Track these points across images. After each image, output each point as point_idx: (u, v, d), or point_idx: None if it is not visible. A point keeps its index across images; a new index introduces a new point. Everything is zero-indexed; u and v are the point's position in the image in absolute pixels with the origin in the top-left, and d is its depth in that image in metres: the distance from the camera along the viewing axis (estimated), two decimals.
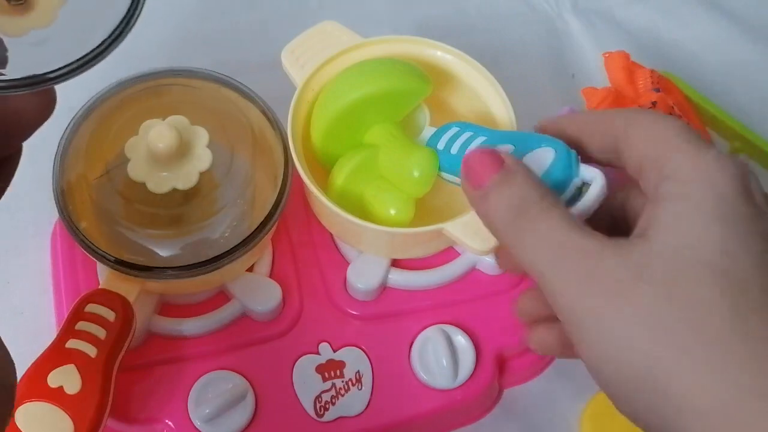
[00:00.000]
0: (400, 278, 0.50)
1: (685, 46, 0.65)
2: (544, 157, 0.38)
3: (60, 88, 0.57)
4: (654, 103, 0.53)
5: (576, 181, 0.38)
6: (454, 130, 0.45)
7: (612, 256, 0.33)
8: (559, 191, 0.37)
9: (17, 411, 0.41)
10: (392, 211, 0.47)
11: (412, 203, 0.47)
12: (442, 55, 0.51)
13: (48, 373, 0.42)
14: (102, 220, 0.46)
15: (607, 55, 0.55)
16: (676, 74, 0.58)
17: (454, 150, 0.44)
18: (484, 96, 0.50)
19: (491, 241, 0.44)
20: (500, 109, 0.49)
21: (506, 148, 0.40)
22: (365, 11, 0.52)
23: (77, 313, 0.44)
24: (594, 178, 0.38)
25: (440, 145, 0.45)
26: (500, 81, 0.50)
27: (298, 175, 0.47)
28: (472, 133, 0.44)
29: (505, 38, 0.65)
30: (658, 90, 0.53)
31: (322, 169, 0.49)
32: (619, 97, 0.53)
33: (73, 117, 0.48)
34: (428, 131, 0.47)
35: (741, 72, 0.64)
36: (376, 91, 0.46)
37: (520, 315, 0.41)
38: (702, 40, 0.65)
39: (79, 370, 0.42)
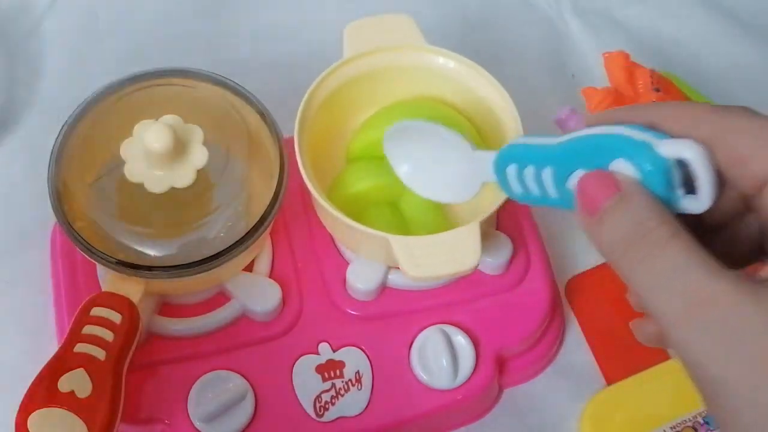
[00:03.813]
0: (399, 278, 0.50)
1: (685, 46, 0.65)
2: (627, 171, 0.33)
3: (55, 89, 0.57)
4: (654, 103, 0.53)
5: (670, 174, 0.32)
6: (512, 168, 0.39)
7: (752, 305, 0.28)
8: (662, 195, 0.32)
9: (30, 418, 0.41)
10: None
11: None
12: (449, 63, 0.51)
13: (58, 379, 0.42)
14: (98, 221, 0.46)
15: (607, 55, 0.55)
16: (676, 74, 0.58)
17: (533, 189, 0.38)
18: (491, 104, 0.50)
19: (425, 270, 0.44)
20: (508, 119, 0.49)
21: (580, 175, 0.35)
22: (365, 11, 0.52)
23: (83, 317, 0.44)
24: (687, 158, 0.32)
25: (515, 188, 0.39)
26: (500, 81, 0.50)
27: (297, 175, 0.47)
28: (534, 167, 0.38)
29: (505, 38, 0.65)
30: (658, 90, 0.53)
31: (322, 169, 0.49)
32: (619, 97, 0.53)
33: (68, 118, 0.48)
34: (483, 159, 0.41)
35: (741, 72, 0.64)
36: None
37: (646, 344, 0.37)
38: (702, 40, 0.65)
39: (89, 374, 0.42)
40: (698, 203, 0.32)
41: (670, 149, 0.32)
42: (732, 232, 0.34)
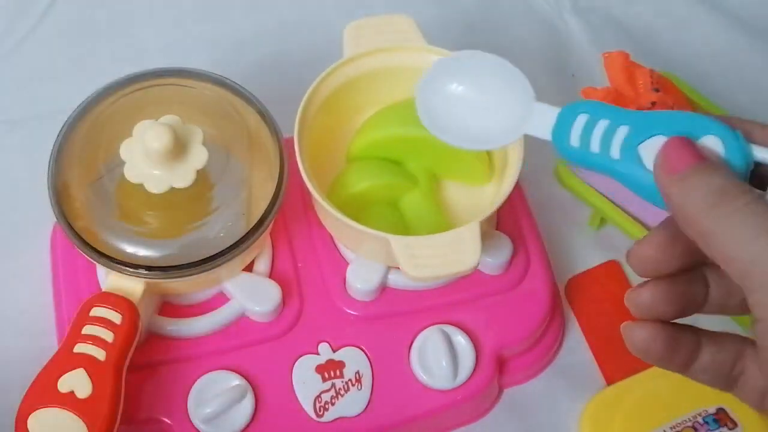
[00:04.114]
0: (399, 278, 0.50)
1: (685, 46, 0.65)
2: (712, 147, 0.35)
3: (54, 90, 0.57)
4: (654, 103, 0.53)
5: (748, 170, 0.35)
6: (582, 119, 0.38)
7: None
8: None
9: (30, 418, 0.41)
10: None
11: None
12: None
13: (58, 379, 0.42)
14: (98, 221, 0.46)
15: (607, 55, 0.55)
16: (676, 74, 0.58)
17: (595, 146, 0.38)
18: None
19: (425, 271, 0.44)
20: None
21: (659, 141, 0.36)
22: (365, 12, 0.52)
23: (83, 318, 0.44)
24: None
25: (574, 142, 0.38)
26: None
27: (297, 175, 0.47)
28: (609, 121, 0.37)
29: (505, 38, 0.65)
30: (657, 90, 0.53)
31: (322, 169, 0.49)
32: (619, 97, 0.53)
33: (68, 118, 0.48)
34: (541, 111, 0.40)
35: (741, 72, 0.64)
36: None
37: (639, 267, 0.38)
38: (702, 40, 0.65)
39: (89, 374, 0.42)
40: None
41: (758, 150, 0.35)
42: None
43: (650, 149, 0.36)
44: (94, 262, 0.46)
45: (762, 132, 0.36)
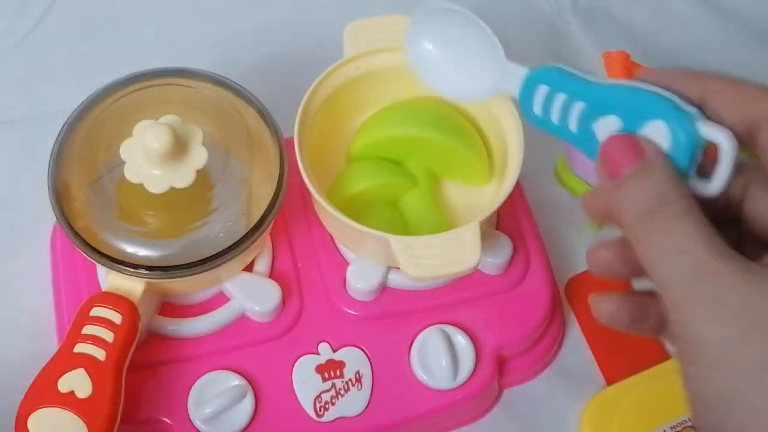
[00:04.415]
0: (400, 278, 0.50)
1: (685, 46, 0.65)
2: (658, 134, 0.35)
3: (54, 90, 0.57)
4: None
5: (697, 152, 0.34)
6: (543, 89, 0.40)
7: (744, 279, 0.31)
8: (681, 167, 0.34)
9: (30, 418, 0.41)
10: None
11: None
12: None
13: (58, 379, 0.42)
14: (98, 221, 0.46)
15: (607, 55, 0.55)
16: None
17: (555, 117, 0.39)
18: (490, 103, 0.50)
19: (425, 270, 0.44)
20: (507, 116, 0.49)
21: (611, 120, 0.36)
22: (365, 12, 0.52)
23: (83, 318, 0.44)
24: (720, 144, 0.34)
25: (536, 110, 0.40)
26: None
27: (297, 175, 0.47)
28: (566, 96, 0.39)
29: (505, 38, 0.65)
30: None
31: (322, 169, 0.49)
32: None
33: (68, 118, 0.48)
34: (512, 71, 0.42)
35: (741, 72, 0.64)
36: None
37: (594, 268, 0.38)
38: (702, 39, 0.65)
39: (89, 374, 0.42)
40: (709, 187, 0.34)
41: (709, 131, 0.34)
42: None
43: (604, 129, 0.37)
44: (94, 262, 0.46)
45: (724, 94, 0.35)
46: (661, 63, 0.58)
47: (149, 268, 0.45)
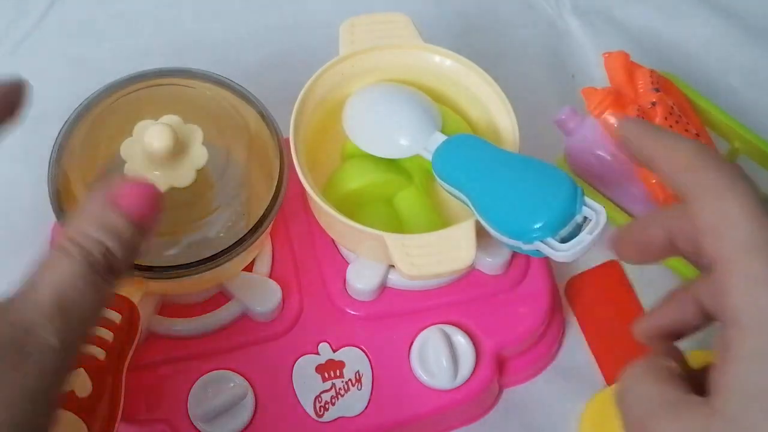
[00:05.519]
0: (399, 278, 0.50)
1: (685, 46, 0.65)
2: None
3: (55, 89, 0.57)
4: (654, 103, 0.53)
5: (578, 218, 0.42)
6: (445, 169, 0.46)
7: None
8: (560, 225, 0.42)
9: None
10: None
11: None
12: (445, 61, 0.51)
13: None
14: None
15: (607, 55, 0.55)
16: (676, 74, 0.58)
17: (456, 193, 0.46)
18: (486, 103, 0.50)
19: (420, 269, 0.44)
20: (503, 117, 0.49)
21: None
22: (365, 12, 0.52)
23: None
24: (595, 216, 0.41)
25: (444, 181, 0.46)
26: (500, 81, 0.50)
27: (296, 174, 0.47)
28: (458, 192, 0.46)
29: (505, 38, 0.65)
30: (658, 90, 0.53)
31: (318, 167, 0.49)
32: (619, 97, 0.53)
33: (68, 118, 0.48)
34: (435, 140, 0.47)
35: (741, 72, 0.64)
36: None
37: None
38: (702, 40, 0.65)
39: (89, 374, 0.42)
40: (564, 252, 0.42)
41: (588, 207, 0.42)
42: None
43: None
44: None
45: (670, 165, 0.35)
46: (661, 63, 0.58)
47: (149, 268, 0.45)
